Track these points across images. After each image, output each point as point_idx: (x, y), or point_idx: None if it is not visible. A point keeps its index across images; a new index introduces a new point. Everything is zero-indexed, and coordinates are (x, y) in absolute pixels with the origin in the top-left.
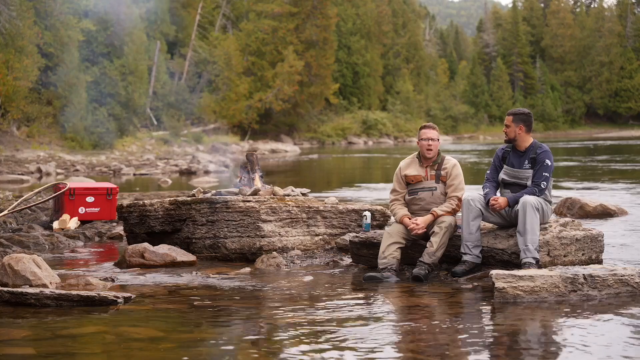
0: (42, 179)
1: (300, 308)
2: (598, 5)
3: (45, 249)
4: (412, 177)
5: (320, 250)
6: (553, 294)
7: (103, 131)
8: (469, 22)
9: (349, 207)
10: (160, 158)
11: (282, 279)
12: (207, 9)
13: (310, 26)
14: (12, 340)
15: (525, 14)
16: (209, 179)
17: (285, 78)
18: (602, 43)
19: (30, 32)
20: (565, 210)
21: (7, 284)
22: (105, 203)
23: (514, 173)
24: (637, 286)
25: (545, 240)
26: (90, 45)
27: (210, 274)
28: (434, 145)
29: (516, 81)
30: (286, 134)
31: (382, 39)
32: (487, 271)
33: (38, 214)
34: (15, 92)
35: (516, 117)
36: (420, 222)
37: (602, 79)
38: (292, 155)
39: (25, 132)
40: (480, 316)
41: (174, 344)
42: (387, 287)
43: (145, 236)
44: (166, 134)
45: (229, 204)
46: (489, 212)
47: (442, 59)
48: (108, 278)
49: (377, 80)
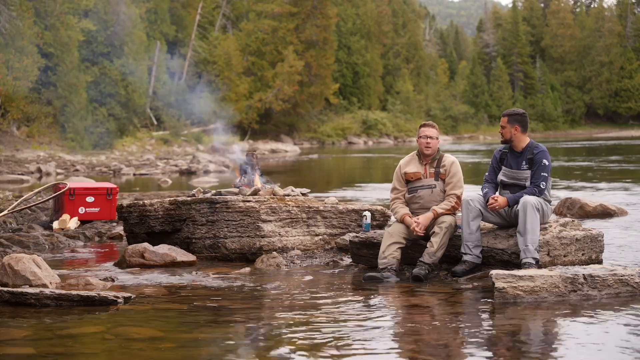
0: (42, 179)
1: (300, 308)
2: (598, 5)
3: (45, 249)
4: (411, 174)
5: (320, 250)
6: (553, 294)
7: (103, 131)
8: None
9: (349, 207)
10: (160, 158)
11: (282, 279)
12: (207, 9)
13: (310, 26)
14: (12, 340)
15: (525, 14)
16: (209, 179)
17: (285, 78)
18: (602, 43)
19: (30, 32)
20: (565, 210)
21: (7, 284)
22: (105, 203)
23: (512, 174)
24: (637, 286)
25: (545, 240)
26: (90, 45)
27: (210, 274)
28: (433, 143)
29: (516, 81)
30: (286, 134)
31: (382, 39)
32: (487, 271)
33: (38, 214)
34: (15, 92)
35: (511, 117)
36: (421, 221)
37: (602, 79)
38: (292, 155)
39: (25, 132)
40: (480, 316)
41: (174, 344)
42: (387, 287)
43: (145, 236)
44: (166, 134)
45: (229, 204)
46: (489, 212)
47: (442, 59)
48: (108, 278)
49: (377, 80)
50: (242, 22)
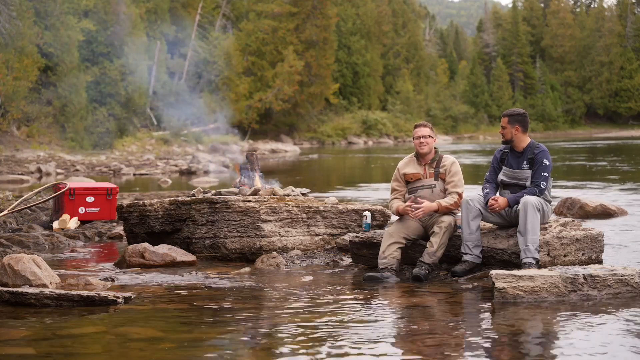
0: (42, 179)
1: (300, 308)
2: (598, 5)
3: (45, 249)
4: (410, 175)
5: (320, 250)
6: (553, 294)
7: (103, 131)
8: (469, 22)
9: (349, 207)
10: (160, 158)
11: (282, 279)
12: (207, 9)
13: (310, 26)
14: (12, 340)
15: (525, 14)
16: (209, 179)
17: (285, 78)
18: (602, 43)
19: (30, 32)
20: (565, 210)
21: (7, 284)
22: (105, 203)
23: (512, 174)
24: (637, 286)
25: (545, 240)
26: (90, 45)
27: (210, 274)
28: (427, 142)
29: (516, 81)
30: (286, 134)
31: (382, 39)
32: (487, 271)
33: (38, 214)
34: (15, 92)
35: (512, 118)
36: (424, 205)
37: (602, 79)
38: (292, 155)
39: (25, 132)
40: (480, 316)
41: (174, 344)
42: (387, 287)
43: (145, 236)
44: (166, 134)
45: (229, 204)
46: (489, 212)
47: (442, 59)
48: (108, 278)
49: (377, 80)
50: (242, 22)
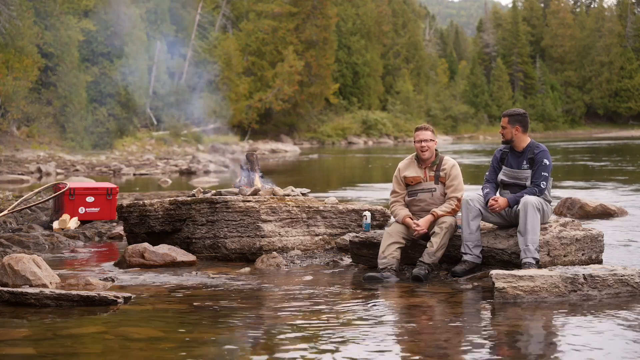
0: (42, 179)
1: (300, 308)
2: (598, 5)
3: (45, 249)
4: (411, 178)
5: (320, 250)
6: (553, 294)
7: (103, 131)
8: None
9: (349, 207)
10: (160, 158)
11: (282, 279)
12: (207, 9)
13: (310, 26)
14: (12, 340)
15: (525, 14)
16: (209, 179)
17: (285, 78)
18: (602, 43)
19: (30, 32)
20: (565, 210)
21: (7, 284)
22: (105, 203)
23: (512, 174)
24: (637, 286)
25: (545, 240)
26: (90, 45)
27: (210, 274)
28: (428, 146)
29: (516, 81)
30: (286, 134)
31: (382, 39)
32: (487, 271)
33: (38, 214)
34: (15, 92)
35: (512, 118)
36: (421, 224)
37: (602, 79)
38: (292, 155)
39: (25, 132)
40: (480, 316)
41: (174, 344)
42: (387, 287)
43: (145, 236)
44: (166, 134)
45: (229, 204)
46: (489, 212)
47: (442, 59)
48: (108, 278)
49: (377, 80)
50: (242, 22)
